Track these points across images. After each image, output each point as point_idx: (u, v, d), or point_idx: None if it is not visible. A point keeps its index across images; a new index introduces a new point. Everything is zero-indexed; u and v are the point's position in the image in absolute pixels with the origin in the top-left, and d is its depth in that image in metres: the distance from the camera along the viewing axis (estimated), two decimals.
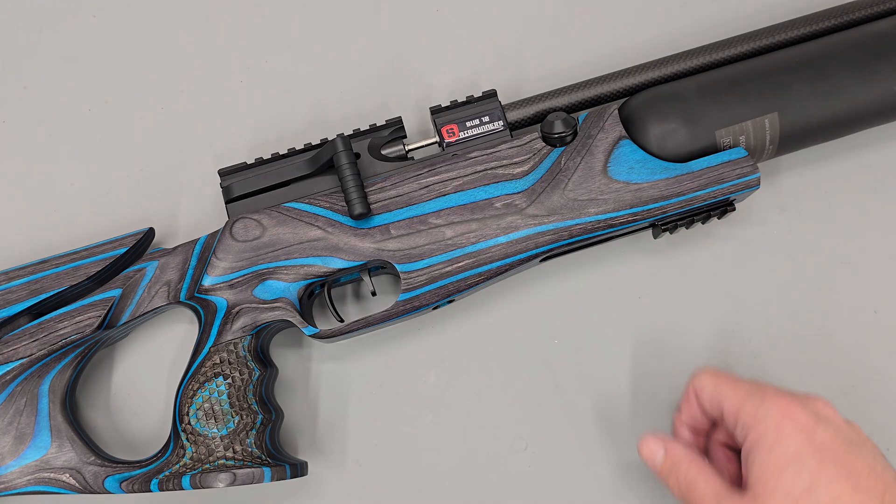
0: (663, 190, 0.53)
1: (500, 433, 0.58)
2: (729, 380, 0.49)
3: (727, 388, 0.49)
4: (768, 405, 0.46)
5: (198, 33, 0.66)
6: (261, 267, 0.54)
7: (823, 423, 0.45)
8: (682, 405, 0.53)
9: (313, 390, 0.59)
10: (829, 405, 0.47)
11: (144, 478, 0.52)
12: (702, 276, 0.60)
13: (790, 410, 0.45)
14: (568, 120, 0.55)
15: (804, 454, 0.44)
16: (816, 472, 0.44)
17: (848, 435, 0.46)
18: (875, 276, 0.59)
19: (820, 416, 0.46)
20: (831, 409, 0.47)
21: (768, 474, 0.45)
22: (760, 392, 0.47)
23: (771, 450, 0.45)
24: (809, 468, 0.44)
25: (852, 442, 0.45)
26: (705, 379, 0.50)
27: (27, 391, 0.54)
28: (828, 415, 0.47)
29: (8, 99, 0.65)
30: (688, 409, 0.52)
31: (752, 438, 0.46)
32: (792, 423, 0.45)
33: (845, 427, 0.46)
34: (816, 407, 0.47)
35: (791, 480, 0.44)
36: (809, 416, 0.45)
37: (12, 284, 0.55)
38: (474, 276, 0.54)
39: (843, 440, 0.45)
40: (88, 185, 0.63)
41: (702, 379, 0.51)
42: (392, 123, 0.57)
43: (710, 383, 0.50)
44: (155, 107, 0.64)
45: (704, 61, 0.57)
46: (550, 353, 0.59)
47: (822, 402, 0.48)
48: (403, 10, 0.66)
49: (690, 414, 0.52)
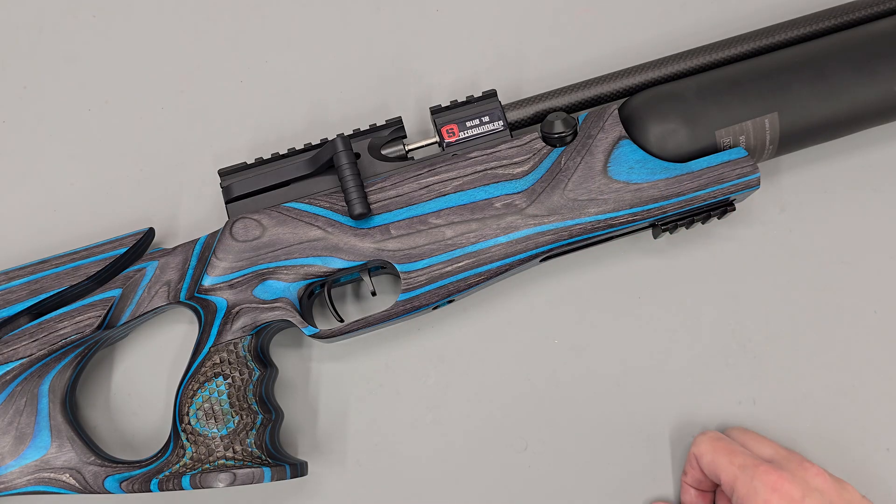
0: (663, 190, 0.53)
1: (500, 433, 0.58)
2: (727, 450, 0.52)
3: (724, 459, 0.51)
4: (758, 481, 0.48)
5: (198, 33, 0.66)
6: (261, 267, 0.54)
7: (810, 494, 0.48)
8: (687, 468, 0.55)
9: (313, 390, 0.59)
10: (821, 473, 0.49)
11: (144, 478, 0.52)
12: (702, 276, 0.60)
13: (778, 486, 0.48)
14: (568, 120, 0.54)
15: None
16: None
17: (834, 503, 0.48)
18: (875, 276, 0.59)
19: (809, 488, 0.48)
20: (822, 478, 0.49)
21: None
22: (753, 466, 0.49)
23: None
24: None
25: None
26: (704, 448, 0.53)
27: (27, 391, 0.54)
28: (817, 485, 0.49)
29: (8, 99, 0.65)
30: (692, 472, 0.54)
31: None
32: (779, 498, 0.47)
33: (833, 493, 0.48)
34: (807, 477, 0.49)
35: None
36: (797, 490, 0.48)
37: (12, 284, 0.55)
38: (474, 276, 0.54)
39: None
40: (88, 185, 0.63)
41: (700, 447, 0.53)
42: (392, 123, 0.57)
43: (709, 452, 0.52)
44: (155, 107, 0.64)
45: (704, 61, 0.57)
46: (550, 353, 0.59)
47: (815, 470, 0.49)
48: (403, 10, 0.66)
49: (695, 477, 0.54)
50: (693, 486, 0.55)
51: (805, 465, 0.50)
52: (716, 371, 0.58)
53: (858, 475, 0.55)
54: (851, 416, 0.57)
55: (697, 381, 0.58)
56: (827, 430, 0.57)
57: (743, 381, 0.58)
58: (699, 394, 0.58)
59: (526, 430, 0.58)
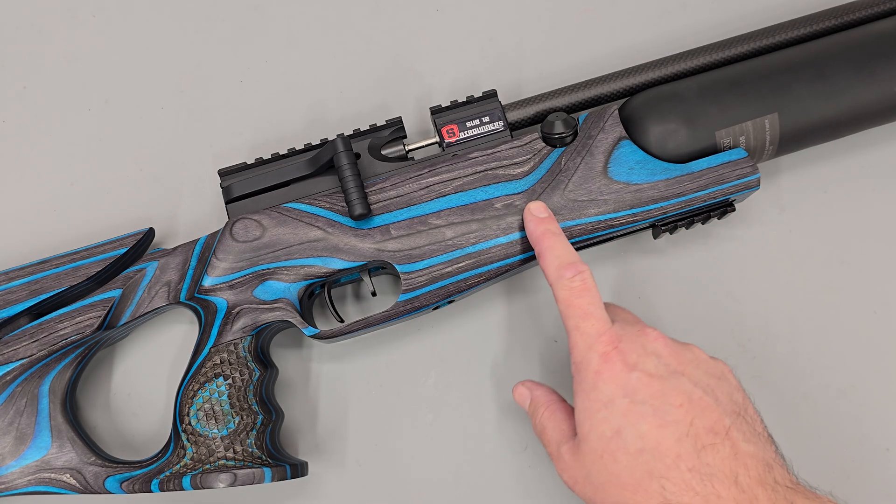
0: (663, 190, 0.53)
1: (500, 433, 0.58)
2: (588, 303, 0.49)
3: (574, 332, 0.48)
4: (591, 352, 0.47)
5: (198, 33, 0.66)
6: (261, 267, 0.54)
7: (644, 361, 0.46)
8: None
9: (313, 390, 0.59)
10: (659, 337, 0.48)
11: (145, 478, 0.52)
12: (702, 277, 0.60)
13: (609, 357, 0.46)
14: (568, 120, 0.55)
15: (615, 398, 0.45)
16: (625, 414, 0.45)
17: (672, 367, 0.46)
18: (875, 276, 0.59)
19: (645, 353, 0.47)
20: (661, 342, 0.47)
21: (585, 419, 0.47)
22: (591, 337, 0.47)
23: (588, 395, 0.46)
24: (619, 411, 0.45)
25: (674, 373, 0.46)
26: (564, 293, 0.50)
27: (27, 392, 0.54)
28: (655, 348, 0.47)
29: (8, 99, 0.65)
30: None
31: (576, 382, 0.48)
32: (609, 369, 0.46)
33: (671, 357, 0.47)
34: (644, 342, 0.47)
35: (603, 424, 0.45)
36: (628, 360, 0.46)
37: (12, 285, 0.55)
38: (474, 276, 0.54)
39: (661, 375, 0.46)
40: (88, 185, 0.63)
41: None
42: (392, 123, 0.57)
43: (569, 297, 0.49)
44: (155, 107, 0.64)
45: (704, 61, 0.57)
46: (550, 353, 0.59)
47: (654, 334, 0.48)
48: (403, 10, 0.66)
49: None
50: None
51: (645, 331, 0.48)
52: None
53: (858, 475, 0.55)
54: (851, 416, 0.57)
55: None
56: (827, 430, 0.57)
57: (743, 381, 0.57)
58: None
59: (526, 431, 0.58)
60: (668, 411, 0.45)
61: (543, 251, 0.51)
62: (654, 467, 0.44)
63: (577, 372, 0.48)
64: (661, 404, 0.45)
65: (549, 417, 0.51)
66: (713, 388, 0.46)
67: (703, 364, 0.48)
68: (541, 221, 0.52)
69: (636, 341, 0.47)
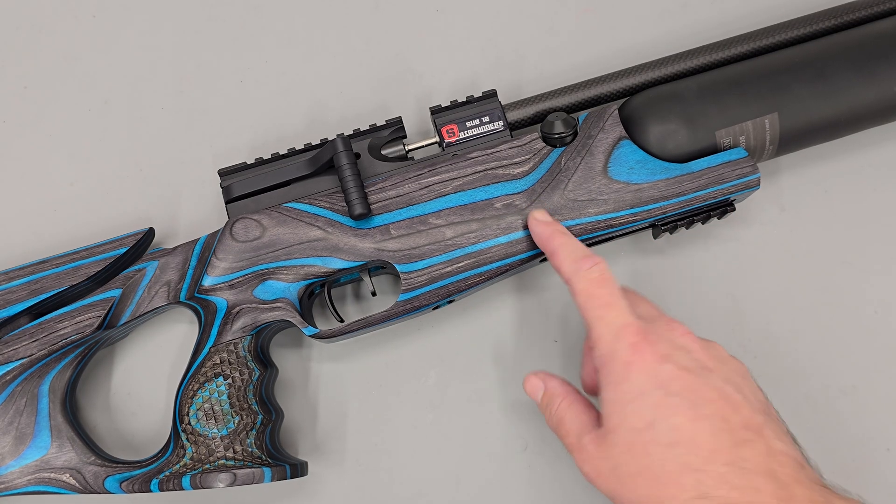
0: (663, 190, 0.53)
1: (500, 433, 0.58)
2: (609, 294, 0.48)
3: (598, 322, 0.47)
4: (620, 343, 0.46)
5: (198, 33, 0.66)
6: (261, 267, 0.54)
7: (675, 354, 0.45)
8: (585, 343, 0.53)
9: (313, 390, 0.59)
10: (686, 333, 0.47)
11: (145, 478, 0.52)
12: (702, 276, 0.60)
13: (639, 348, 0.45)
14: (568, 120, 0.55)
15: (647, 390, 0.44)
16: (658, 406, 0.44)
17: (701, 362, 0.46)
18: (875, 276, 0.59)
19: (674, 347, 0.46)
20: (689, 337, 0.47)
21: (614, 411, 0.45)
22: (617, 328, 0.46)
23: (618, 387, 0.45)
24: (652, 403, 0.44)
25: (704, 368, 0.46)
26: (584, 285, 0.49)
27: (27, 391, 0.54)
28: (683, 343, 0.47)
29: (8, 99, 0.65)
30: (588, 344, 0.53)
31: (603, 374, 0.46)
32: (640, 360, 0.45)
33: (701, 353, 0.46)
34: (672, 336, 0.47)
35: (634, 416, 0.44)
36: (659, 351, 0.45)
37: (12, 284, 0.55)
38: (474, 276, 0.54)
39: (692, 369, 0.45)
40: (88, 185, 0.63)
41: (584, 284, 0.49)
42: (392, 123, 0.57)
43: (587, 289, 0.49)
44: (155, 107, 0.64)
45: (704, 61, 0.57)
46: (550, 353, 0.59)
47: (681, 329, 0.47)
48: (403, 10, 0.66)
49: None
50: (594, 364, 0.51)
51: (672, 325, 0.48)
52: None
53: (858, 475, 0.55)
54: (851, 416, 0.57)
55: None
56: (827, 431, 0.57)
57: None
58: None
59: (526, 430, 0.58)
60: (703, 405, 0.44)
61: (556, 248, 0.51)
62: (688, 460, 0.43)
63: (603, 364, 0.46)
64: (695, 398, 0.44)
65: (567, 408, 0.49)
66: (741, 385, 0.46)
67: (728, 362, 0.47)
68: (548, 224, 0.52)
69: (664, 334, 0.47)
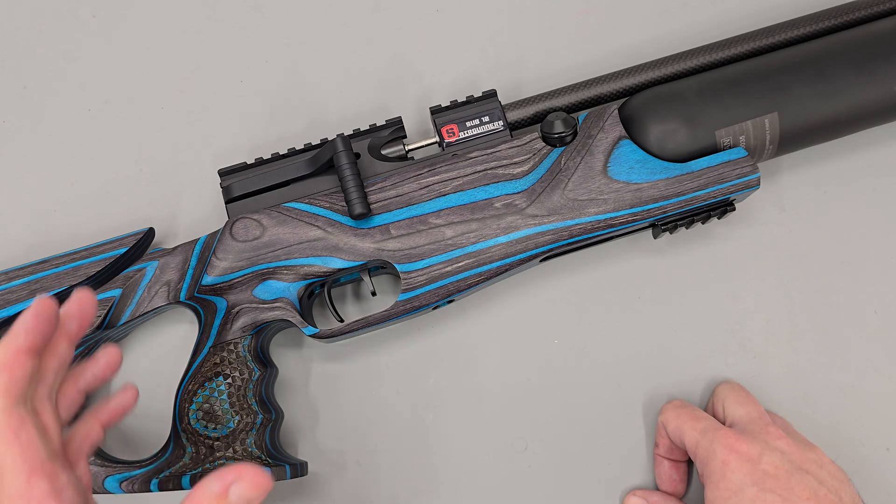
0: (663, 190, 0.53)
1: (500, 433, 0.58)
2: (690, 415, 0.52)
3: (687, 425, 0.52)
4: (717, 443, 0.49)
5: (198, 33, 0.66)
6: (261, 267, 0.54)
7: (769, 453, 0.48)
8: (657, 439, 0.55)
9: (313, 390, 0.59)
10: (782, 436, 0.49)
11: (144, 478, 0.52)
12: (702, 276, 0.60)
13: (736, 447, 0.48)
14: (568, 120, 0.55)
15: (745, 485, 0.47)
16: (755, 499, 0.47)
17: (797, 463, 0.48)
18: (875, 276, 0.59)
19: (768, 447, 0.49)
20: (784, 441, 0.49)
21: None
22: (714, 429, 0.50)
23: (717, 484, 0.48)
24: (748, 498, 0.47)
25: (799, 469, 0.48)
26: (669, 415, 0.53)
27: None
28: (777, 445, 0.49)
29: (8, 99, 0.65)
30: (661, 442, 0.55)
31: (705, 474, 0.50)
32: (737, 458, 0.48)
33: (797, 455, 0.49)
34: (767, 438, 0.49)
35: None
36: (754, 449, 0.48)
37: (12, 284, 0.55)
38: (474, 276, 0.54)
39: (787, 467, 0.48)
40: (88, 185, 0.63)
41: (666, 415, 0.54)
42: (392, 123, 0.57)
43: (673, 419, 0.53)
44: (155, 107, 0.64)
45: (704, 61, 0.57)
46: (550, 353, 0.59)
47: (777, 433, 0.50)
48: (403, 10, 0.66)
49: (665, 446, 0.54)
50: (665, 457, 0.55)
51: (768, 429, 0.50)
52: (716, 371, 0.58)
53: (858, 475, 0.54)
54: (851, 416, 0.57)
55: (698, 382, 0.58)
56: (827, 430, 0.57)
57: (743, 381, 0.58)
58: (700, 394, 0.58)
59: (526, 430, 0.58)
60: (797, 502, 0.46)
61: (682, 430, 0.53)
62: None
63: (703, 465, 0.49)
64: (788, 495, 0.47)
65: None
66: (837, 489, 0.48)
67: (827, 466, 0.49)
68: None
69: (758, 436, 0.49)
